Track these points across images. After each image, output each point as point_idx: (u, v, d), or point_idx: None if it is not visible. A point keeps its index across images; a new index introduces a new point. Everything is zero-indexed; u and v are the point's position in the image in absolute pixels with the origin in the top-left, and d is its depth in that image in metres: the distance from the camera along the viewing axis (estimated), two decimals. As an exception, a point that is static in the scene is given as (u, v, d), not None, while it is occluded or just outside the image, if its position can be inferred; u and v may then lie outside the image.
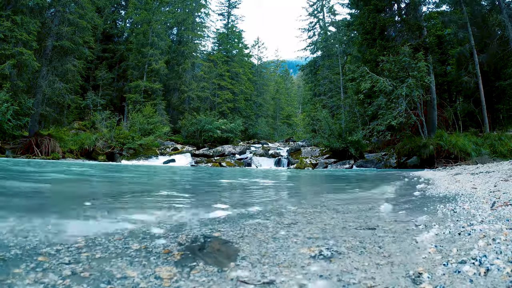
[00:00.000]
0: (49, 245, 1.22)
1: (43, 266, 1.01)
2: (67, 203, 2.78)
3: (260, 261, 1.12)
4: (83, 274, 0.96)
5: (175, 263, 1.08)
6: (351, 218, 2.04)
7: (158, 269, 1.02)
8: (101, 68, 25.39)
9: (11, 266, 1.00)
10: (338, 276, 0.96)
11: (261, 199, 3.36)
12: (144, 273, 0.99)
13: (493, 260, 0.94)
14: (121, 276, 0.96)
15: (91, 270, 1.00)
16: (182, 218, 1.96)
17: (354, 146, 15.28)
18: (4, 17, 13.84)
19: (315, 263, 1.09)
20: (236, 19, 37.65)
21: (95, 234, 1.43)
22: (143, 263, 1.09)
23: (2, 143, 13.48)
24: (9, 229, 1.44)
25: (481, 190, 3.05)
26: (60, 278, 0.93)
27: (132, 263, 1.07)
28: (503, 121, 15.73)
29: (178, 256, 1.16)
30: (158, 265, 1.06)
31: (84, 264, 1.05)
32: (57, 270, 0.98)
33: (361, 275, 0.96)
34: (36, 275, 0.94)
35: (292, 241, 1.39)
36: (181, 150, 19.15)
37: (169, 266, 1.05)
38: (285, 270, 1.02)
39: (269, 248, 1.29)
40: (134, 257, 1.13)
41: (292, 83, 57.66)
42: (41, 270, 0.97)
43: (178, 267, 1.04)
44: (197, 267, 1.04)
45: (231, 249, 1.26)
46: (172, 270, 1.02)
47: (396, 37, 15.52)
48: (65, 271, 0.98)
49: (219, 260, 1.12)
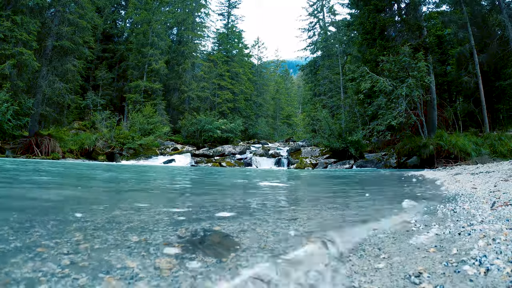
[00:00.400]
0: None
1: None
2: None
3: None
4: (82, 264, 0.96)
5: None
6: (350, 215, 2.04)
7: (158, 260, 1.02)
8: (101, 68, 25.40)
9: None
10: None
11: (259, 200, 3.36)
12: (144, 263, 1.00)
13: (493, 260, 0.94)
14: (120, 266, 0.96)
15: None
16: (182, 215, 1.96)
17: (354, 146, 15.28)
18: (4, 17, 13.84)
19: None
20: (236, 19, 37.70)
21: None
22: (142, 253, 1.09)
23: (2, 143, 13.48)
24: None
25: (481, 190, 3.05)
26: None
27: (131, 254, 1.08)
28: (503, 121, 15.73)
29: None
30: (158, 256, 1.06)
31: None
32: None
33: (361, 278, 0.96)
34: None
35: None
36: (181, 150, 19.15)
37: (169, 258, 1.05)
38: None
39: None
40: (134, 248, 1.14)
41: (292, 83, 57.67)
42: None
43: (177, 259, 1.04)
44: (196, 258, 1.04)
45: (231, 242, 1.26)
46: (172, 261, 1.02)
47: (396, 37, 15.52)
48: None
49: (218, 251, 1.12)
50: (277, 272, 0.97)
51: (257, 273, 0.94)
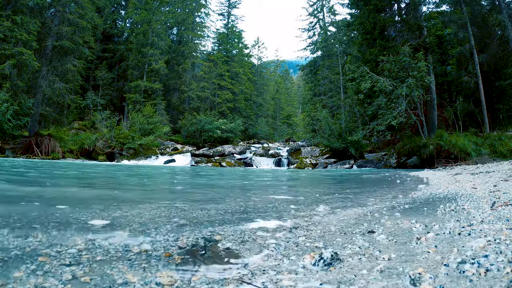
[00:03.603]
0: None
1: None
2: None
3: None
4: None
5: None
6: (352, 218, 2.03)
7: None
8: (101, 68, 25.40)
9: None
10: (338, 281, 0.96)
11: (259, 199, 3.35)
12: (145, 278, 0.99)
13: (493, 260, 0.94)
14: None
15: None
16: (182, 218, 1.96)
17: (354, 146, 15.27)
18: (4, 17, 13.85)
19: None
20: (236, 19, 37.70)
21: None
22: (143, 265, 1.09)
23: (2, 143, 13.48)
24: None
25: (481, 190, 3.05)
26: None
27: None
28: (503, 121, 15.73)
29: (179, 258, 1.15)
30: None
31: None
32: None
33: (360, 284, 0.95)
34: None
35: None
36: (181, 150, 19.14)
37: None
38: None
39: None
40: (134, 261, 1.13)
41: (292, 83, 57.65)
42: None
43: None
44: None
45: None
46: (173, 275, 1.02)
47: (396, 37, 15.52)
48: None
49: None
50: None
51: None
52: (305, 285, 0.92)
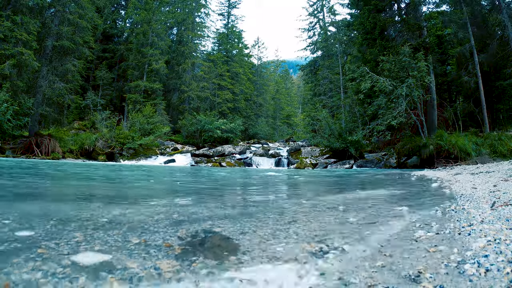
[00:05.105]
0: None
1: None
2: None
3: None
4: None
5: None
6: (351, 215, 2.04)
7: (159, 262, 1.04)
8: (101, 68, 25.39)
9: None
10: (339, 275, 0.96)
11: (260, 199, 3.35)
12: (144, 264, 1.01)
13: (493, 260, 0.94)
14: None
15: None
16: (181, 216, 1.96)
17: (354, 146, 15.27)
18: (4, 17, 13.83)
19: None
20: (236, 19, 37.66)
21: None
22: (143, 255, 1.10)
23: (2, 143, 13.48)
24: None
25: (481, 190, 3.06)
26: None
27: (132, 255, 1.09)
28: (503, 121, 15.72)
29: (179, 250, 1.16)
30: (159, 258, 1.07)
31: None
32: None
33: (361, 274, 0.96)
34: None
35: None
36: (181, 150, 19.14)
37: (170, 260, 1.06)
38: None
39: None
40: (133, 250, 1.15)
41: (292, 83, 57.66)
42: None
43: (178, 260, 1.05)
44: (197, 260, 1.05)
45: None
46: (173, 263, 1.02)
47: (396, 37, 15.52)
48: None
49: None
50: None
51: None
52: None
